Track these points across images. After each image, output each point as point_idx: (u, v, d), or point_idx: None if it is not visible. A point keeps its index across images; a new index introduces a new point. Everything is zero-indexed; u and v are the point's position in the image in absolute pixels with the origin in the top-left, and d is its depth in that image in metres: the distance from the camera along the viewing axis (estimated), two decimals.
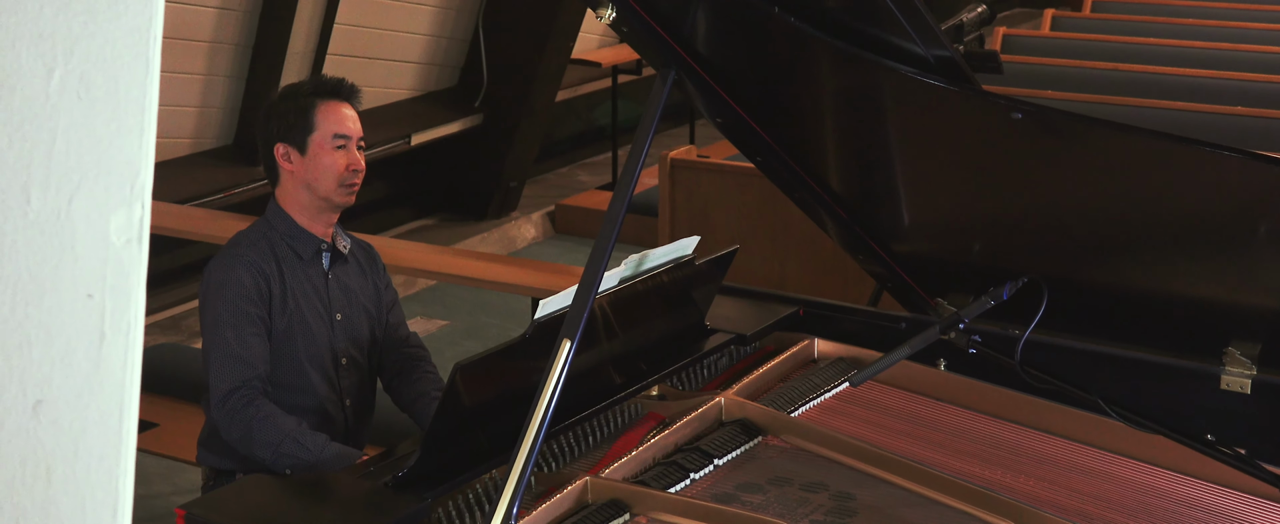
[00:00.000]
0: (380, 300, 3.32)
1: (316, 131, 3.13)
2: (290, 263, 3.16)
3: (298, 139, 3.14)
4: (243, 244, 3.16)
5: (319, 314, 3.18)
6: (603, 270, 2.34)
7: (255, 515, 2.35)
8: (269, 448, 2.93)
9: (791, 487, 2.62)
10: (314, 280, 3.19)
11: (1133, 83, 6.77)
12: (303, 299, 3.15)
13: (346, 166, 3.15)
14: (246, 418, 2.98)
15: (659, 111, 2.42)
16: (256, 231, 3.19)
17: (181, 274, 6.38)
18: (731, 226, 4.93)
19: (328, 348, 3.18)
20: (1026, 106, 2.39)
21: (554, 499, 2.45)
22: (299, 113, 3.14)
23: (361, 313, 3.26)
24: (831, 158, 3.03)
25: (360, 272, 3.30)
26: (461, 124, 7.52)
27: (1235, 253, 2.61)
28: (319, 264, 3.21)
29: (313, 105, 3.14)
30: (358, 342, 3.25)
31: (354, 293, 3.25)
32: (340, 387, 3.22)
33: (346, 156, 3.15)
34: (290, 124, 3.14)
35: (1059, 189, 2.67)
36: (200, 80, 6.29)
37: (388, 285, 3.38)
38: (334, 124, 3.14)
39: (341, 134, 3.14)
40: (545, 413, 2.21)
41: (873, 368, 2.60)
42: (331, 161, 3.14)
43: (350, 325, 3.23)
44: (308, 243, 3.19)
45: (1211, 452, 2.39)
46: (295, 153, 3.14)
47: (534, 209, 8.00)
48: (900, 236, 3.09)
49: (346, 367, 3.23)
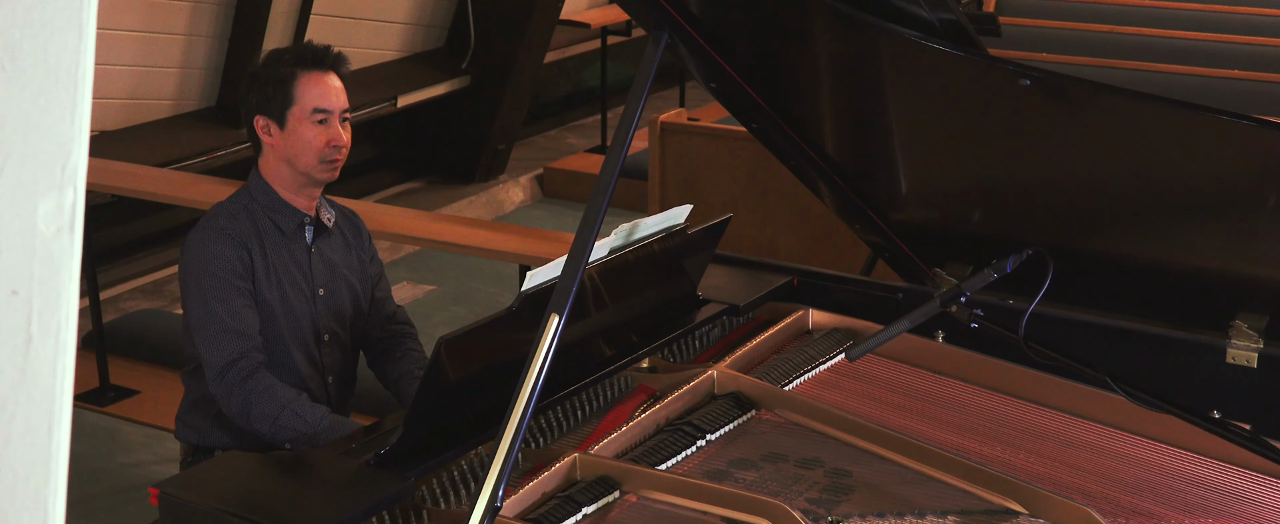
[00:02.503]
0: (365, 273, 3.23)
1: (296, 105, 3.01)
2: (271, 237, 3.06)
3: (277, 112, 3.02)
4: (222, 216, 3.05)
5: (301, 290, 3.09)
6: (592, 242, 2.26)
7: (232, 495, 2.28)
8: (268, 421, 2.86)
9: (786, 463, 2.55)
10: (296, 255, 3.09)
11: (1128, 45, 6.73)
12: (284, 274, 3.06)
13: (327, 142, 3.03)
14: (246, 391, 2.90)
15: (651, 77, 2.34)
16: (237, 203, 3.08)
17: (163, 238, 6.31)
18: (722, 191, 4.88)
19: (309, 324, 3.10)
20: (1035, 73, 2.31)
21: (542, 477, 2.39)
22: (279, 84, 3.02)
23: (344, 287, 3.17)
24: (829, 124, 2.95)
25: (344, 244, 3.20)
26: (448, 86, 7.45)
27: (1245, 222, 2.54)
28: (301, 238, 3.11)
29: (293, 76, 3.02)
30: (340, 316, 3.16)
31: (337, 267, 3.16)
32: (322, 363, 3.13)
33: (327, 132, 3.03)
34: (269, 96, 3.02)
35: (1065, 157, 2.59)
36: (181, 41, 6.20)
37: (374, 257, 3.28)
38: (315, 97, 3.02)
39: (322, 108, 3.02)
40: (532, 390, 2.13)
41: (870, 342, 2.53)
42: (311, 137, 3.02)
43: (333, 300, 3.14)
44: (290, 216, 3.09)
45: (1219, 431, 2.32)
46: (274, 126, 3.03)
47: (522, 172, 7.93)
48: (898, 205, 3.02)
49: (329, 343, 3.14)
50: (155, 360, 5.20)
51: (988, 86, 2.49)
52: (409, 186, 7.74)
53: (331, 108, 3.03)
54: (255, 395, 2.89)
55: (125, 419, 4.95)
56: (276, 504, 2.27)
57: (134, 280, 6.19)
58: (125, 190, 5.09)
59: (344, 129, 3.07)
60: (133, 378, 5.18)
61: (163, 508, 2.26)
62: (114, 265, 6.13)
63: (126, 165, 5.34)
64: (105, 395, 5.11)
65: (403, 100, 7.12)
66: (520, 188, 7.84)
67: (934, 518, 2.36)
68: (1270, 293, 2.71)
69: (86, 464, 4.68)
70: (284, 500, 2.29)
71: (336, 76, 3.07)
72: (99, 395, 5.12)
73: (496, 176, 7.82)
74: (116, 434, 4.88)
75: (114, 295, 6.02)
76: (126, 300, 6.02)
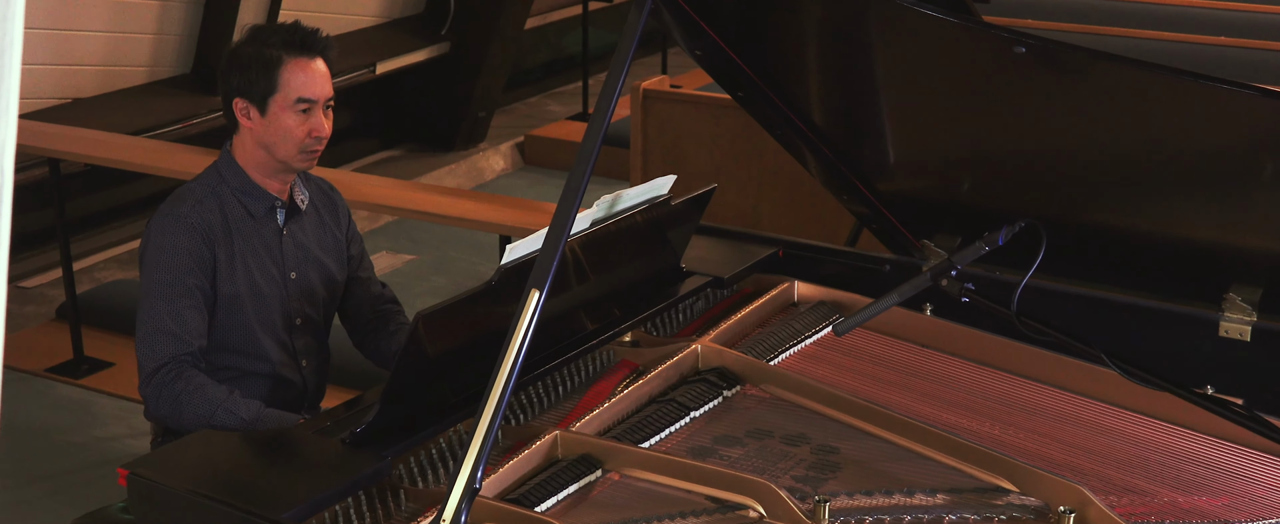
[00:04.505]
0: (340, 251, 3.14)
1: (279, 93, 2.89)
2: (240, 222, 2.96)
3: (258, 97, 2.90)
4: (188, 201, 2.93)
5: (271, 276, 2.99)
6: (573, 214, 2.19)
7: (204, 475, 2.21)
8: (201, 422, 2.77)
9: (772, 439, 2.50)
10: (266, 239, 3.00)
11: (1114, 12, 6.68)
12: (252, 260, 2.96)
13: (308, 133, 2.92)
14: (174, 393, 2.81)
15: (634, 45, 2.27)
16: (205, 185, 2.97)
17: (138, 207, 6.22)
18: (705, 159, 4.83)
19: (280, 310, 3.01)
20: (1030, 40, 2.25)
21: (522, 455, 2.33)
22: (263, 68, 2.89)
23: (315, 268, 3.07)
24: (817, 92, 2.89)
25: (318, 222, 3.11)
26: (428, 52, 7.39)
27: (1240, 193, 2.49)
28: (273, 222, 3.01)
29: (279, 61, 2.89)
30: (312, 299, 3.07)
31: (309, 248, 3.06)
32: (295, 347, 3.05)
33: (309, 122, 2.92)
34: (252, 79, 2.89)
35: (1059, 127, 2.54)
36: (156, 6, 6.10)
37: (355, 237, 3.18)
38: (300, 86, 2.90)
39: (307, 98, 2.91)
40: (512, 368, 2.07)
41: (859, 316, 2.47)
42: (292, 126, 2.91)
43: (304, 283, 3.05)
44: (261, 200, 2.99)
45: (1215, 408, 2.28)
46: (255, 110, 2.91)
47: (503, 140, 7.87)
48: (887, 175, 2.96)
49: (301, 327, 3.06)
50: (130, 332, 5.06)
51: (981, 54, 2.43)
52: (388, 154, 7.68)
53: (317, 97, 2.92)
54: (186, 396, 2.79)
55: (99, 392, 4.88)
56: (249, 485, 2.21)
57: (108, 250, 6.11)
58: (99, 159, 5.01)
59: (326, 117, 2.96)
60: (107, 350, 5.11)
61: (131, 489, 2.20)
62: (88, 235, 6.05)
63: (100, 133, 5.25)
64: (79, 368, 5.04)
65: (381, 67, 7.05)
66: (501, 156, 7.77)
67: (923, 496, 2.32)
68: (1264, 265, 2.67)
69: (60, 438, 4.62)
70: (257, 481, 2.23)
71: (324, 62, 2.95)
72: (73, 368, 5.04)
73: (477, 144, 7.76)
74: (90, 407, 4.81)
75: (88, 266, 5.93)
76: (101, 270, 5.94)
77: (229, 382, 2.92)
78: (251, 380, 2.97)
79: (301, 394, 3.07)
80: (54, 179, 4.99)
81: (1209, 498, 2.33)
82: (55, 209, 5.03)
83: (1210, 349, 2.73)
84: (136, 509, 2.24)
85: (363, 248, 3.21)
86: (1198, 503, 2.32)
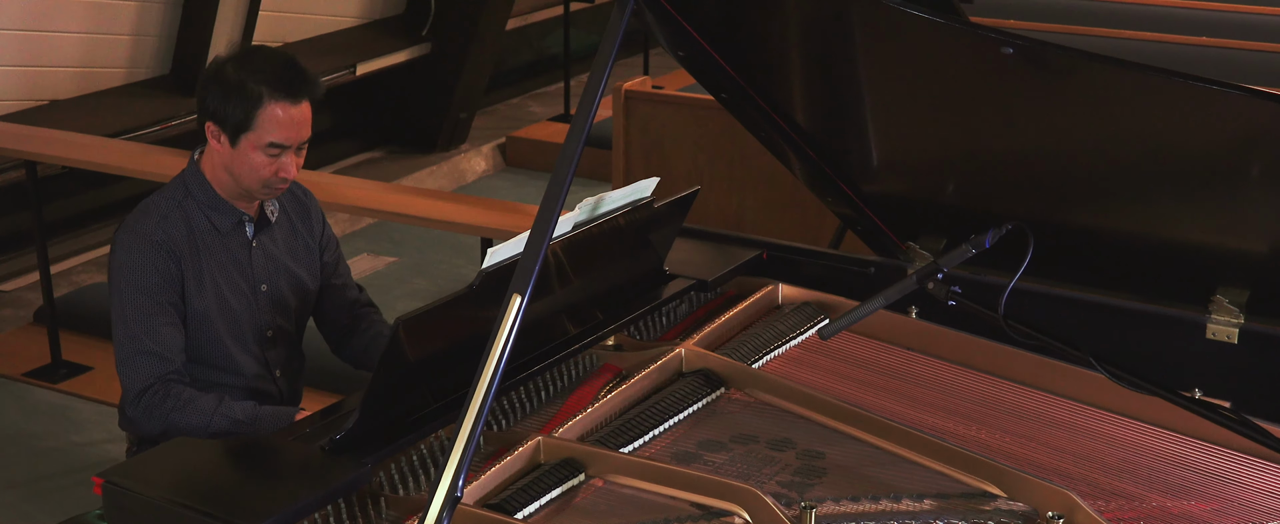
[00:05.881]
0: (313, 256, 3.09)
1: (253, 132, 2.80)
2: (207, 237, 2.90)
3: (231, 128, 2.82)
4: (153, 217, 2.86)
5: (241, 290, 2.94)
6: (555, 218, 2.17)
7: (181, 484, 2.17)
8: (197, 434, 2.73)
9: (757, 444, 2.48)
10: (235, 253, 2.94)
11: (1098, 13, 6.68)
12: (221, 276, 2.91)
13: (275, 173, 2.85)
14: (165, 411, 2.77)
15: (617, 46, 2.25)
16: (171, 199, 2.90)
17: (116, 210, 6.18)
18: (687, 161, 4.82)
19: (251, 323, 2.96)
20: (1018, 41, 2.23)
21: (504, 461, 2.31)
22: (243, 101, 2.79)
23: (287, 279, 3.02)
24: (801, 94, 2.87)
25: (290, 231, 3.05)
26: (409, 53, 7.37)
27: (1228, 194, 2.47)
28: (241, 235, 2.95)
29: (259, 100, 2.79)
30: (284, 310, 3.02)
31: (279, 258, 3.00)
32: (267, 359, 3.01)
33: (276, 164, 2.84)
34: (230, 109, 2.80)
35: (1045, 128, 2.52)
36: (134, 7, 6.05)
37: (330, 243, 3.13)
38: (274, 130, 2.81)
39: (279, 143, 2.82)
40: (493, 375, 2.04)
41: (844, 319, 2.45)
42: (258, 165, 2.84)
43: (276, 295, 3.00)
44: (228, 215, 2.92)
45: (1205, 412, 2.26)
46: (226, 138, 2.84)
47: (484, 141, 7.84)
48: (871, 177, 2.94)
49: (273, 338, 3.01)
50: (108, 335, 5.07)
51: (968, 55, 2.41)
52: (369, 156, 7.64)
53: (290, 143, 2.84)
54: (177, 413, 2.75)
55: (78, 396, 4.84)
56: (227, 494, 2.17)
57: (87, 253, 6.06)
58: (77, 161, 4.96)
59: (299, 155, 2.88)
60: (85, 353, 5.06)
61: (107, 499, 2.16)
62: (66, 238, 6.00)
63: (78, 135, 5.21)
64: (57, 372, 4.99)
65: (362, 68, 7.03)
66: (482, 157, 7.74)
67: (910, 501, 2.29)
68: (1252, 266, 2.65)
69: (39, 444, 4.57)
70: (235, 490, 2.19)
71: (308, 105, 2.86)
72: (51, 372, 5.00)
73: (458, 146, 7.73)
74: (68, 412, 4.77)
75: (66, 269, 5.89)
76: (79, 274, 5.89)
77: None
78: (227, 393, 2.91)
79: (278, 404, 3.02)
80: (31, 181, 4.95)
81: (1198, 503, 2.31)
82: (32, 212, 4.98)
83: (1197, 351, 2.71)
84: (112, 518, 2.20)
85: (339, 253, 3.16)
86: (1187, 508, 2.30)
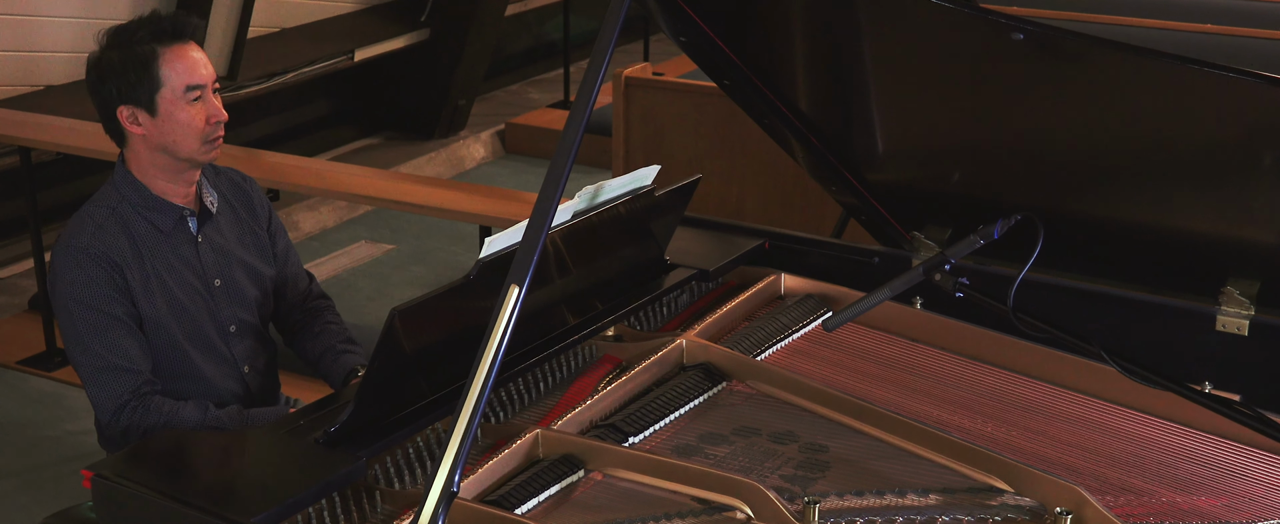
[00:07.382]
0: (263, 244, 3.00)
1: (165, 86, 2.73)
2: (148, 240, 2.81)
3: (144, 98, 2.73)
4: (86, 231, 2.77)
5: (193, 289, 2.85)
6: (555, 207, 2.12)
7: (172, 478, 2.13)
8: None
9: (759, 437, 2.44)
10: (181, 251, 2.85)
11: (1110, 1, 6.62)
12: (170, 277, 2.82)
13: (207, 120, 2.77)
14: (146, 427, 2.69)
15: (617, 32, 2.20)
16: (103, 208, 2.80)
17: None
18: (688, 148, 4.77)
19: (210, 321, 2.87)
20: (1028, 27, 2.18)
21: (502, 455, 2.27)
22: (140, 67, 2.72)
23: (241, 270, 2.93)
24: (805, 80, 2.82)
25: (235, 221, 2.96)
26: (407, 39, 7.33)
27: (1239, 184, 2.43)
28: (185, 231, 2.86)
29: (154, 55, 2.72)
30: (244, 301, 2.93)
31: (230, 251, 2.92)
32: (233, 355, 2.91)
33: (205, 109, 2.77)
34: (131, 82, 2.72)
35: (1054, 115, 2.47)
36: None
37: (278, 231, 3.04)
38: (184, 74, 2.74)
39: (195, 84, 2.75)
40: (490, 368, 1.99)
41: (849, 311, 2.40)
42: (189, 118, 2.75)
43: (232, 288, 2.91)
44: (167, 213, 2.83)
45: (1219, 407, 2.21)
46: (144, 114, 2.75)
47: (483, 128, 7.79)
48: (876, 166, 2.89)
49: (236, 333, 2.92)
50: None
51: (976, 41, 2.37)
52: (367, 142, 7.60)
53: (204, 81, 2.76)
54: (159, 429, 2.67)
55: (72, 385, 4.79)
56: (219, 487, 2.14)
57: None
58: (70, 147, 4.92)
59: (217, 100, 2.81)
60: None
61: (96, 493, 2.12)
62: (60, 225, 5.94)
63: (72, 121, 5.16)
64: (51, 360, 4.96)
65: (360, 54, 6.98)
66: (481, 144, 7.69)
67: (915, 496, 2.26)
68: (1262, 257, 2.61)
69: (33, 432, 4.54)
70: (228, 484, 2.15)
71: (197, 47, 2.79)
72: (45, 359, 4.97)
73: (457, 132, 7.69)
74: (63, 400, 4.73)
75: None
76: None
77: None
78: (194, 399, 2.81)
79: (249, 402, 2.93)
80: (25, 167, 4.92)
81: (1208, 498, 2.28)
82: (26, 198, 4.95)
83: (1207, 344, 2.67)
84: (102, 512, 2.16)
85: (288, 242, 3.07)
86: (1196, 503, 2.26)
